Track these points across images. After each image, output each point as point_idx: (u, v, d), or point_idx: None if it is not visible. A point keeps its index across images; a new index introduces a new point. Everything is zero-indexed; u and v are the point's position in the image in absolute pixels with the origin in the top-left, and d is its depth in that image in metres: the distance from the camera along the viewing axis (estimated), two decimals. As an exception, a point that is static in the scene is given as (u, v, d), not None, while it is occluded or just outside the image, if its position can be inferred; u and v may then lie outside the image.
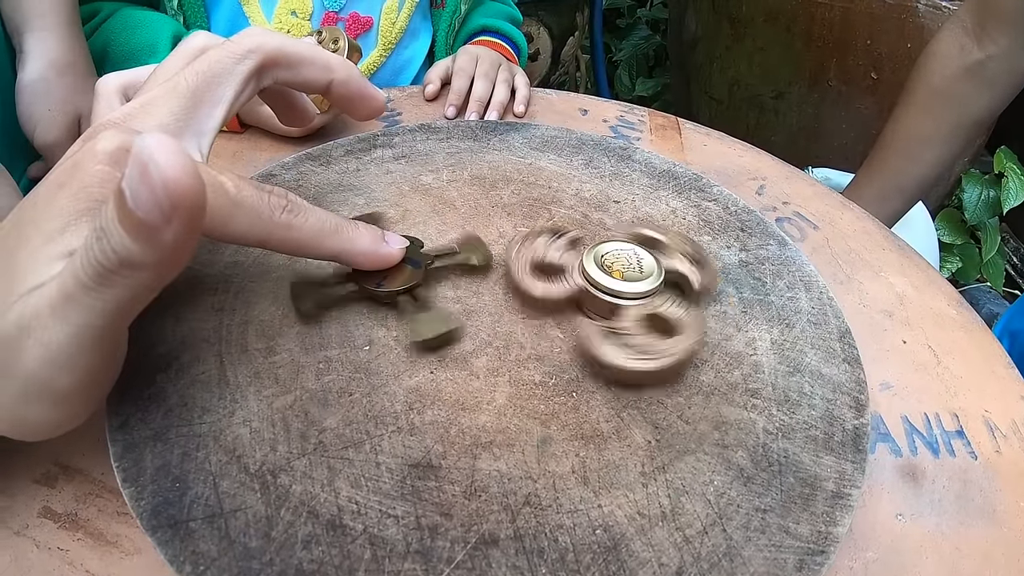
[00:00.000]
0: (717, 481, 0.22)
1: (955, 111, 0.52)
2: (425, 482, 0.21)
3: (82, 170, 0.18)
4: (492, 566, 0.19)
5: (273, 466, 0.21)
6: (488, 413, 0.23)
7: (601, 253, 0.26)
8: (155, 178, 0.14)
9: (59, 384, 0.18)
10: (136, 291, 0.17)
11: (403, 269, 0.25)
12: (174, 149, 0.14)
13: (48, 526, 0.24)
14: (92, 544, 0.24)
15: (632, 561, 0.19)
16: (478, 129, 0.38)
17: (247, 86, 0.23)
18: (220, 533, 0.20)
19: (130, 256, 0.15)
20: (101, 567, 0.23)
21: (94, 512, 0.25)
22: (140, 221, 0.15)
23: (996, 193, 0.96)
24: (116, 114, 0.21)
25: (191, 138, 0.21)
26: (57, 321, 0.17)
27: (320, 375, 0.24)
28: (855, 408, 0.26)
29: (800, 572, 0.20)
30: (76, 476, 0.26)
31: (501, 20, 0.51)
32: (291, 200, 0.21)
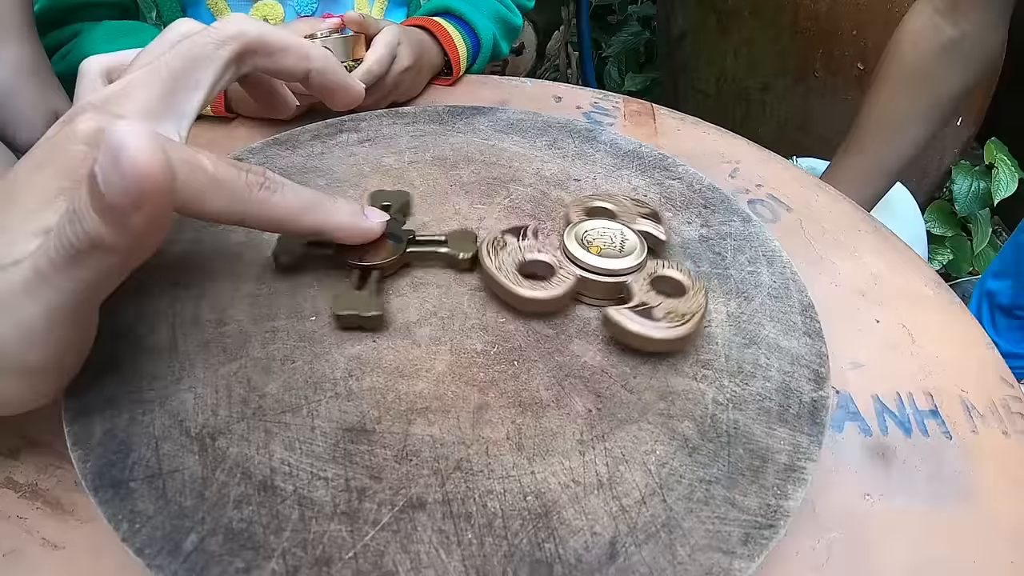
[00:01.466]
0: (659, 451, 0.21)
1: (931, 90, 0.50)
2: (358, 446, 0.20)
3: (61, 150, 0.18)
4: (418, 529, 0.18)
5: (212, 429, 0.20)
6: (426, 380, 0.22)
7: (580, 236, 0.26)
8: (125, 165, 0.14)
9: (30, 360, 0.18)
10: (106, 272, 0.17)
11: (385, 244, 0.25)
12: (146, 136, 0.14)
13: (9, 495, 0.24)
14: (49, 512, 0.24)
15: (563, 529, 0.18)
16: (444, 113, 0.37)
17: (227, 71, 0.23)
18: (157, 493, 0.19)
19: (100, 239, 0.15)
20: (56, 533, 0.23)
21: (53, 482, 0.25)
22: (110, 205, 0.15)
23: (986, 185, 0.93)
24: (96, 96, 0.21)
25: (170, 121, 0.21)
26: (29, 299, 0.17)
27: (266, 344, 0.23)
28: (814, 381, 0.25)
29: (745, 546, 0.19)
30: (39, 448, 0.26)
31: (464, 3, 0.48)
32: (268, 177, 0.21)
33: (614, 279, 0.25)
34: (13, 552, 0.23)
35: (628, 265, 0.25)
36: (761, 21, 0.89)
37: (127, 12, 0.45)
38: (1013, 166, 0.95)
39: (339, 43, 0.38)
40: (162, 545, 0.18)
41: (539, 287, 0.24)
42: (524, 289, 0.24)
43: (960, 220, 0.99)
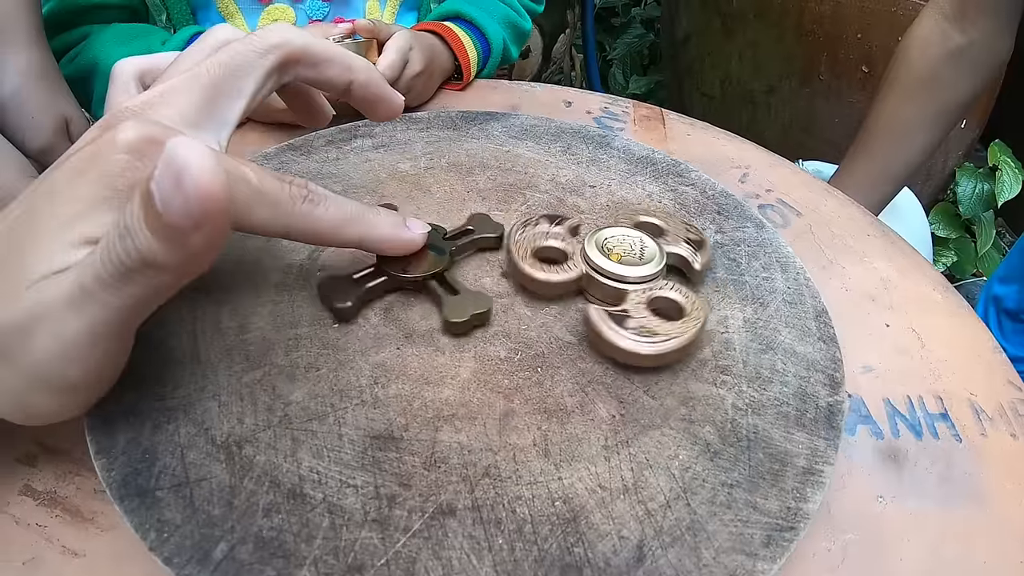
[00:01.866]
0: (682, 455, 0.21)
1: (939, 96, 0.51)
2: (386, 453, 0.20)
3: (103, 158, 0.18)
4: (448, 535, 0.18)
5: (239, 437, 0.21)
6: (452, 387, 0.22)
7: (603, 238, 0.26)
8: (188, 186, 0.14)
9: (68, 376, 0.18)
10: (155, 290, 0.17)
11: (426, 254, 0.25)
12: (208, 156, 0.14)
13: (28, 503, 0.24)
14: (69, 520, 0.24)
15: (591, 533, 0.19)
16: (458, 119, 0.37)
17: (268, 81, 0.22)
18: (185, 502, 0.19)
19: (154, 257, 0.15)
20: (76, 542, 0.23)
21: (72, 490, 0.25)
22: (168, 225, 0.14)
23: (990, 187, 0.94)
24: (135, 101, 0.20)
25: (211, 130, 0.21)
26: (72, 314, 0.17)
27: (289, 351, 0.23)
28: (829, 386, 0.25)
29: (767, 548, 0.19)
30: (57, 456, 0.26)
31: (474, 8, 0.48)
32: (311, 189, 0.21)
33: (617, 284, 0.25)
34: (33, 560, 0.23)
35: (645, 273, 0.25)
36: (766, 24, 0.89)
37: (136, 15, 0.45)
38: (1017, 168, 0.95)
39: (351, 48, 0.38)
40: (191, 554, 0.18)
41: (552, 271, 0.25)
42: (530, 268, 0.25)
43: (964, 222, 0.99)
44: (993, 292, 0.62)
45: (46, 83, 0.40)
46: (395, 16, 0.50)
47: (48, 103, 0.40)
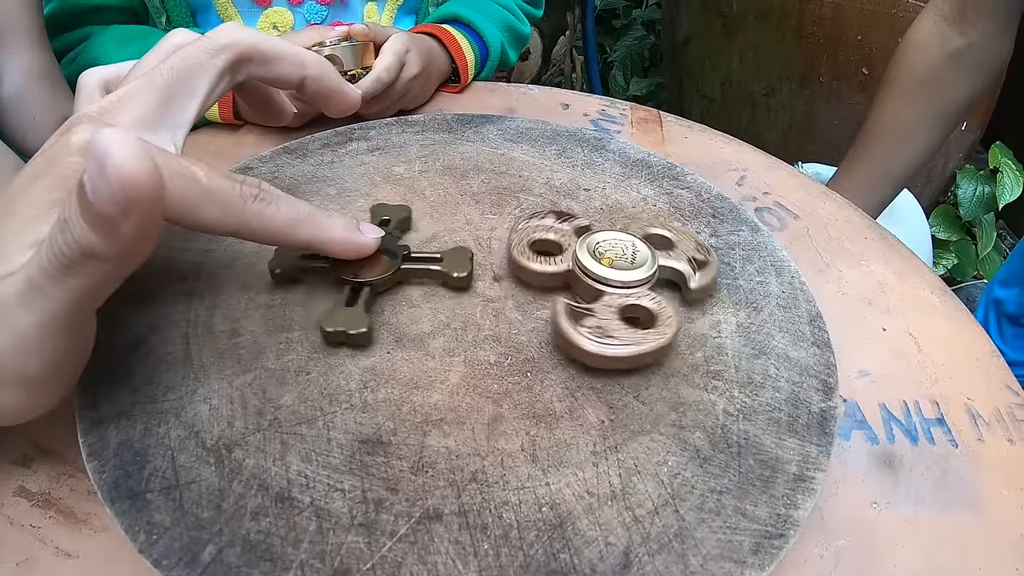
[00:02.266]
0: (671, 461, 0.21)
1: (939, 98, 0.50)
2: (374, 457, 0.20)
3: (57, 162, 0.19)
4: (435, 540, 0.18)
5: (229, 441, 0.21)
6: (441, 392, 0.22)
7: (596, 240, 0.26)
8: (111, 173, 0.14)
9: (27, 370, 0.18)
10: (99, 280, 0.17)
11: (380, 260, 0.25)
12: (131, 144, 0.14)
13: (22, 504, 0.24)
14: (63, 521, 0.24)
15: (578, 539, 0.19)
16: (454, 122, 0.37)
17: (221, 80, 0.23)
18: (174, 504, 0.19)
19: (91, 247, 0.15)
20: (70, 543, 0.23)
21: (66, 491, 0.25)
22: (99, 214, 0.15)
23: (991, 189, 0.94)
24: (93, 108, 0.21)
25: (165, 131, 0.22)
26: (23, 309, 0.17)
27: (280, 355, 0.24)
28: (823, 391, 0.25)
29: (756, 555, 0.19)
30: (51, 457, 0.26)
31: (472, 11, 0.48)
32: (263, 189, 0.21)
33: (596, 284, 0.25)
34: (27, 561, 0.23)
35: (626, 279, 0.25)
36: (766, 26, 0.89)
37: (136, 17, 0.46)
38: (1018, 170, 0.95)
39: (348, 51, 0.38)
40: (180, 556, 0.18)
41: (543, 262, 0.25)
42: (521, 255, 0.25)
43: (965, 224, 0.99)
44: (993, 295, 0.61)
45: (48, 84, 0.40)
46: (393, 19, 0.50)
47: (49, 104, 0.40)
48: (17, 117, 0.39)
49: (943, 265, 0.97)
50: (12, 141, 0.40)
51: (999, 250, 1.00)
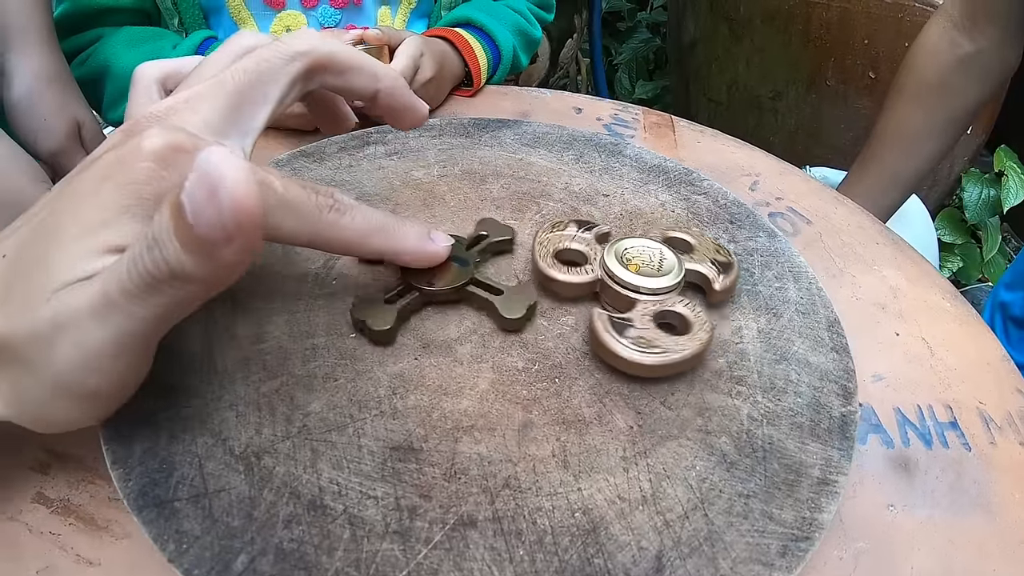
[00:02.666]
0: (699, 466, 0.21)
1: (948, 104, 0.51)
2: (406, 464, 0.20)
3: (128, 165, 0.18)
4: (470, 547, 0.18)
5: (258, 448, 0.21)
6: (470, 398, 0.23)
7: (624, 247, 0.27)
8: (224, 199, 0.14)
9: (89, 386, 0.18)
10: (182, 302, 0.16)
11: (449, 266, 0.25)
12: (242, 168, 0.14)
13: (41, 511, 0.24)
14: (83, 528, 0.24)
15: (611, 544, 0.19)
16: (470, 126, 0.38)
17: (294, 88, 0.22)
18: (204, 512, 0.19)
19: (183, 269, 0.15)
20: (91, 550, 0.23)
21: (86, 498, 0.25)
22: (199, 237, 0.14)
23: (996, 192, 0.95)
24: (159, 107, 0.20)
25: (236, 137, 0.21)
26: (96, 324, 0.16)
27: (306, 361, 0.24)
28: (843, 396, 0.25)
29: (783, 558, 0.20)
30: (69, 463, 0.26)
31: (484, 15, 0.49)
32: (337, 199, 0.21)
33: (628, 292, 0.25)
34: (47, 569, 0.23)
35: (658, 286, 0.25)
36: (773, 29, 0.90)
37: (148, 18, 0.46)
38: (1023, 174, 0.96)
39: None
40: (211, 566, 0.18)
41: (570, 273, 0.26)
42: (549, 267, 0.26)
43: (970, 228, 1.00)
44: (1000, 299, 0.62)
45: (58, 86, 0.40)
46: (406, 23, 0.50)
47: (60, 106, 0.40)
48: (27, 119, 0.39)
49: (948, 268, 0.98)
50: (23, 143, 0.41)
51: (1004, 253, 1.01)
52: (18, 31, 0.40)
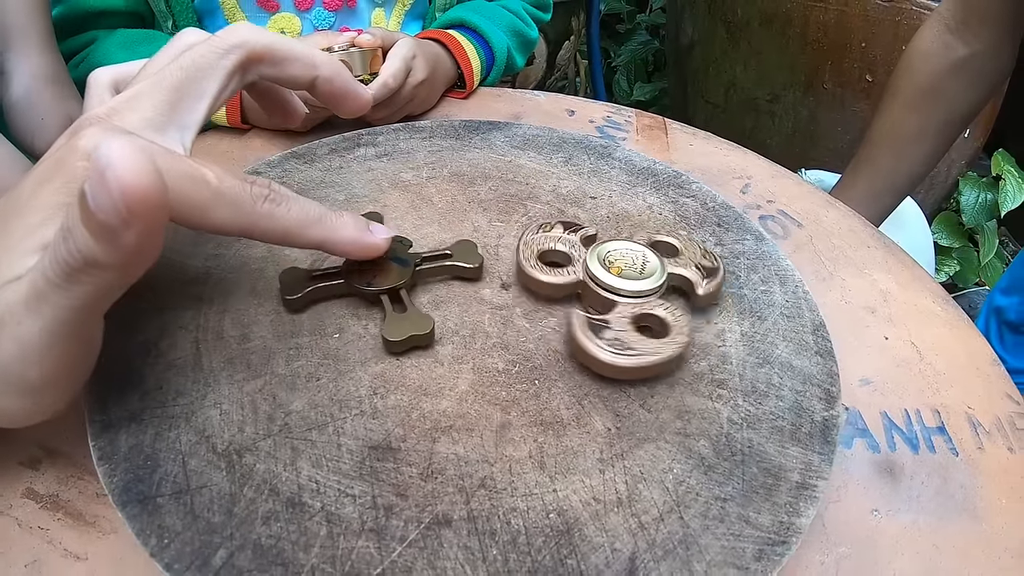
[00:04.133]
0: (676, 469, 0.21)
1: (943, 107, 0.51)
2: (384, 463, 0.21)
3: (65, 165, 0.19)
4: (444, 546, 0.19)
5: (239, 446, 0.21)
6: (450, 399, 0.23)
7: (607, 250, 0.27)
8: (112, 183, 0.14)
9: (30, 377, 0.18)
10: (103, 287, 0.17)
11: (393, 268, 0.25)
12: (132, 152, 0.14)
13: (30, 506, 0.25)
14: (71, 523, 0.24)
15: (585, 545, 0.19)
16: (460, 128, 0.38)
17: (231, 81, 0.23)
18: (185, 508, 0.20)
19: (94, 256, 0.16)
20: (78, 545, 0.24)
21: (75, 493, 0.25)
22: (100, 223, 0.15)
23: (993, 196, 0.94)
24: (101, 109, 0.21)
25: (174, 132, 0.22)
26: (29, 316, 0.17)
27: (290, 361, 0.24)
28: (825, 400, 0.25)
29: (759, 562, 0.20)
30: (59, 459, 0.26)
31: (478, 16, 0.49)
32: (273, 189, 0.21)
33: (607, 294, 0.25)
34: (35, 563, 0.23)
35: (638, 288, 0.25)
36: (770, 33, 0.90)
37: (143, 21, 0.46)
38: (1020, 178, 0.96)
39: (356, 56, 0.39)
40: (191, 560, 0.19)
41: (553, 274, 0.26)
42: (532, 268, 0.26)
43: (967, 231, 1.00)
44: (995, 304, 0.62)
45: (56, 87, 0.41)
46: (401, 24, 0.50)
47: (58, 106, 0.40)
48: (26, 119, 0.40)
49: (945, 272, 0.98)
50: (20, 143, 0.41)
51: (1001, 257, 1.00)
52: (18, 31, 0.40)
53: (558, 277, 0.26)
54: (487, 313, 0.26)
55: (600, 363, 0.23)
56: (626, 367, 0.23)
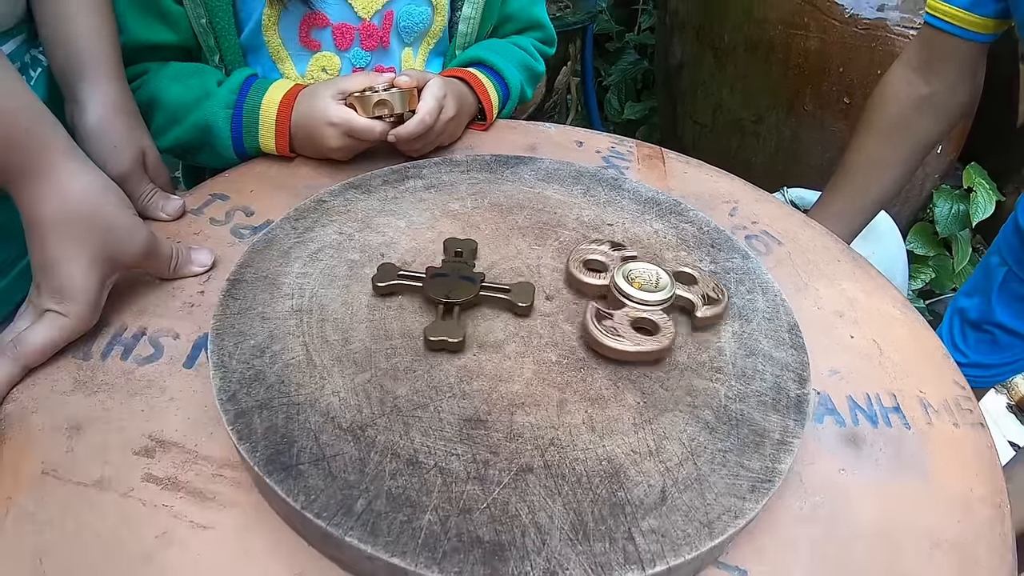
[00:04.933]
0: (689, 430, 0.32)
1: (910, 138, 0.63)
2: (477, 431, 0.30)
3: None
4: (529, 486, 0.28)
5: (361, 423, 0.31)
6: (519, 383, 0.33)
7: (631, 267, 0.37)
8: None
9: None
10: None
11: (461, 284, 0.36)
12: None
13: (151, 488, 0.31)
14: (193, 500, 0.31)
15: (629, 482, 0.29)
16: (492, 162, 0.48)
17: None
18: (324, 472, 0.29)
19: None
20: (203, 517, 0.30)
21: (192, 475, 0.32)
22: None
23: (966, 207, 1.09)
24: None
25: None
26: None
27: (389, 357, 0.33)
28: (798, 381, 0.36)
29: (752, 493, 0.30)
30: (172, 448, 0.33)
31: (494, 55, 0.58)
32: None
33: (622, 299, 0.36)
34: (164, 534, 0.30)
35: (653, 299, 0.36)
36: (755, 58, 1.04)
37: (190, 55, 0.54)
38: (991, 189, 1.11)
39: (396, 96, 0.49)
40: (337, 509, 0.27)
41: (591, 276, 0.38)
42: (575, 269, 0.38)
43: (942, 240, 1.15)
44: (959, 305, 0.75)
45: (126, 116, 0.47)
46: (426, 61, 0.60)
47: (128, 134, 0.47)
48: (98, 145, 0.45)
49: (921, 279, 1.12)
50: None
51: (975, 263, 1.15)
52: (91, 63, 0.46)
53: (591, 279, 0.37)
54: (538, 319, 0.36)
55: (594, 340, 0.34)
56: (610, 346, 0.33)
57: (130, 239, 0.37)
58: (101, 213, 0.36)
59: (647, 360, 0.34)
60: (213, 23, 0.52)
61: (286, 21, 0.54)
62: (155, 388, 0.35)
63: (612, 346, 0.33)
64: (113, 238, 0.36)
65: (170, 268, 0.40)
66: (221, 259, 0.43)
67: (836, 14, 0.97)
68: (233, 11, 0.52)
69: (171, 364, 0.36)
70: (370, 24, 0.55)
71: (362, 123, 0.47)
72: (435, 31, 0.59)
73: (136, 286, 0.41)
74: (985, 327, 0.73)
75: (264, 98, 0.50)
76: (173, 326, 0.38)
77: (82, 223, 0.35)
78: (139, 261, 0.38)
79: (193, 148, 0.53)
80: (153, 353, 0.37)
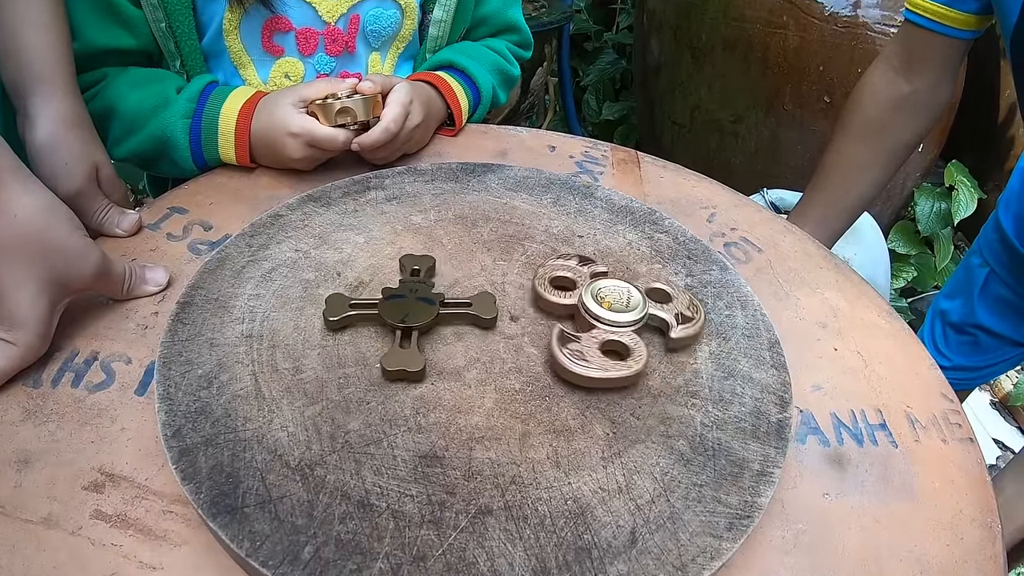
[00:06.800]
0: (662, 463, 0.30)
1: (888, 139, 0.62)
2: (433, 469, 0.28)
3: None
4: (488, 530, 0.26)
5: (310, 461, 0.28)
6: (479, 414, 0.30)
7: (601, 285, 0.35)
8: None
9: None
10: None
11: (420, 307, 0.33)
12: None
13: (101, 526, 0.30)
14: (143, 539, 0.29)
15: (596, 523, 0.27)
16: (459, 171, 0.45)
17: None
18: (271, 515, 0.26)
19: None
20: (153, 557, 0.29)
21: (142, 512, 0.30)
22: None
23: (947, 205, 1.08)
24: None
25: None
26: None
27: (341, 388, 0.31)
28: (779, 405, 0.34)
29: (730, 531, 0.28)
30: (122, 482, 0.31)
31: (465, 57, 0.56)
32: None
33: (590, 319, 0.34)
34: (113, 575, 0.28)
35: (615, 319, 0.33)
36: (734, 57, 1.02)
37: (151, 59, 0.51)
38: (972, 187, 1.10)
39: (360, 103, 0.46)
40: (283, 557, 0.25)
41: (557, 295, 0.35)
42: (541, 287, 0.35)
43: (924, 239, 1.14)
44: (939, 307, 0.74)
45: (79, 131, 0.45)
46: (395, 66, 0.57)
47: (81, 150, 0.44)
48: (50, 161, 0.43)
49: (903, 278, 1.11)
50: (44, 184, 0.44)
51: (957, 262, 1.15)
52: (42, 77, 0.44)
53: (558, 298, 0.34)
54: (501, 343, 0.34)
55: (559, 366, 0.31)
56: (576, 373, 0.31)
57: (81, 261, 0.35)
58: (49, 235, 0.34)
59: (617, 386, 0.32)
60: (173, 27, 0.49)
61: (247, 26, 0.51)
62: (106, 417, 0.33)
63: (578, 372, 0.31)
64: (62, 261, 0.34)
65: (124, 289, 0.38)
66: (177, 276, 0.41)
67: (815, 12, 0.95)
68: (194, 15, 0.49)
69: (122, 391, 0.34)
70: (335, 28, 0.53)
71: (324, 132, 0.45)
72: (404, 35, 0.56)
73: (89, 308, 0.39)
74: (967, 329, 0.72)
75: (223, 108, 0.48)
76: (126, 350, 0.36)
77: (29, 246, 0.33)
78: (91, 283, 0.36)
79: (151, 159, 0.50)
80: (104, 380, 0.35)
